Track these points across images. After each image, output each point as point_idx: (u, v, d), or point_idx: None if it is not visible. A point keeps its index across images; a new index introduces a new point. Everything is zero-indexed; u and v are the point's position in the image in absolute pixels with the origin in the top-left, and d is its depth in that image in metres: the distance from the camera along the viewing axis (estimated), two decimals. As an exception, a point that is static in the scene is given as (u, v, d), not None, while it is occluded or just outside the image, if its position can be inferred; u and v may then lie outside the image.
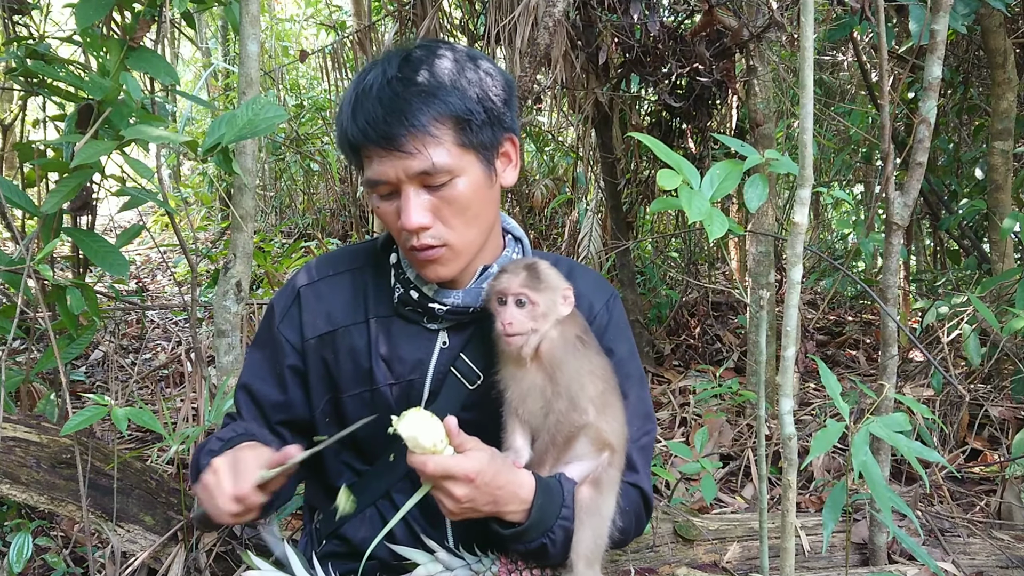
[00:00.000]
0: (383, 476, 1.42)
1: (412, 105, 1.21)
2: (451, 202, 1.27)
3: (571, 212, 5.74)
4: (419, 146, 1.22)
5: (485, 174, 1.30)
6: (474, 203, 1.29)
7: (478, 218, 1.32)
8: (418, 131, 1.21)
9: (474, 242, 1.34)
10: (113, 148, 1.95)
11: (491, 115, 1.27)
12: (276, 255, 5.30)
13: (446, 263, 1.32)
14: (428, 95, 1.22)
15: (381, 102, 1.22)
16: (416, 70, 1.24)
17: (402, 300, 1.39)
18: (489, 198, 1.33)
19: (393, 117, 1.21)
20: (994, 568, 2.41)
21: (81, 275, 2.89)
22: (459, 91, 1.24)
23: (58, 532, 2.40)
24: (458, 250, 1.32)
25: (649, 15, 3.37)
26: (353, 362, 1.40)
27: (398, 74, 1.23)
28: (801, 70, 1.19)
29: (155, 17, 2.28)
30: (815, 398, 3.88)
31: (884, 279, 2.28)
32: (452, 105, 1.23)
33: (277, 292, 1.50)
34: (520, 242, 1.46)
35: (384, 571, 1.40)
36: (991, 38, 3.39)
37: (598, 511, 1.29)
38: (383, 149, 1.23)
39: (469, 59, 1.28)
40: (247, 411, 1.47)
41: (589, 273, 1.51)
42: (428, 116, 1.21)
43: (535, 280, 1.25)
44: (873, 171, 5.39)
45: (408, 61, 1.25)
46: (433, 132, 1.22)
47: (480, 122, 1.26)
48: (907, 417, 1.35)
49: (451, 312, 1.36)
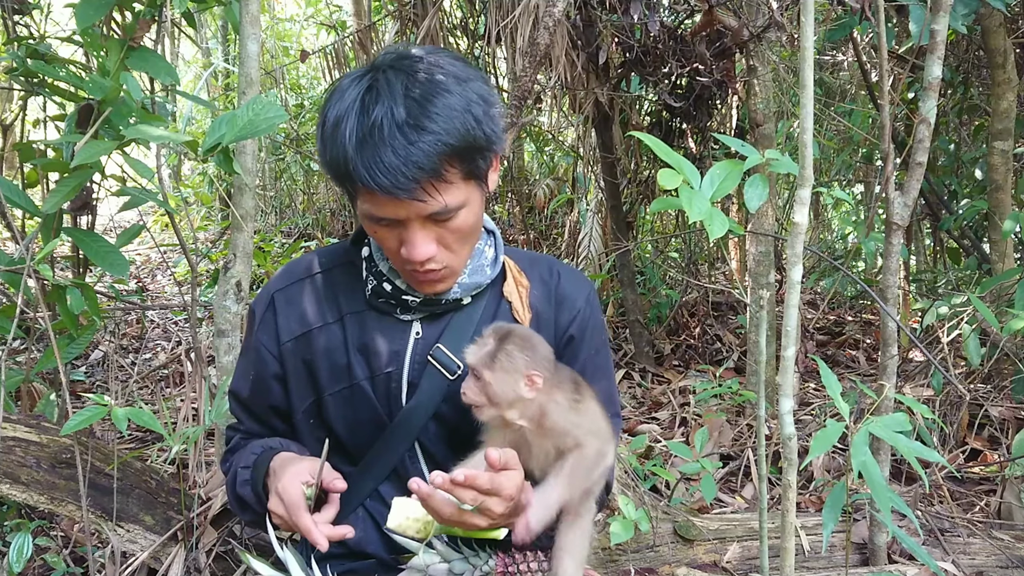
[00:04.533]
0: (368, 476, 1.42)
1: (427, 155, 1.17)
2: (456, 230, 1.27)
3: (571, 212, 5.74)
4: (433, 193, 1.20)
5: (482, 195, 1.31)
6: (475, 227, 1.31)
7: (475, 236, 1.34)
8: (433, 179, 1.19)
9: (468, 257, 1.36)
10: (113, 148, 1.95)
11: (492, 140, 1.25)
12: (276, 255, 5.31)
13: (445, 280, 1.34)
14: (441, 143, 1.18)
15: (395, 152, 1.16)
16: (425, 112, 1.18)
17: (375, 292, 1.39)
18: (482, 214, 1.35)
19: (409, 168, 1.16)
20: (994, 568, 2.41)
21: (81, 275, 2.89)
22: (467, 130, 1.20)
23: (58, 532, 2.40)
24: (457, 268, 1.34)
25: (649, 15, 3.36)
26: (330, 361, 1.40)
27: (408, 119, 1.17)
28: (801, 70, 1.19)
29: (155, 17, 2.29)
30: (815, 398, 3.88)
31: (884, 279, 2.28)
32: (463, 147, 1.20)
33: (256, 297, 1.51)
34: (493, 235, 1.46)
35: (382, 570, 1.40)
36: (991, 38, 3.39)
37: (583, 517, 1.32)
38: (392, 196, 1.19)
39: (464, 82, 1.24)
40: (243, 415, 1.50)
41: (569, 270, 1.53)
42: (443, 163, 1.18)
43: (492, 360, 1.22)
44: (873, 171, 5.39)
45: (413, 99, 1.19)
46: (447, 178, 1.20)
47: (483, 154, 1.25)
48: (907, 417, 1.35)
49: (424, 303, 1.37)
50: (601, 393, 1.46)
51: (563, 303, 1.46)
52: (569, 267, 1.55)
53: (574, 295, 1.47)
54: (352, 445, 1.43)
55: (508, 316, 1.41)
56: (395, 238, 1.27)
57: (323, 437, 1.42)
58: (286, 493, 1.26)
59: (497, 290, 1.43)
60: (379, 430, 1.39)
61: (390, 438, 1.39)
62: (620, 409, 1.62)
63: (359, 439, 1.41)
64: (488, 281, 1.41)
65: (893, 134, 3.56)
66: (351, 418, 1.40)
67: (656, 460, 2.98)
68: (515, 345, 1.23)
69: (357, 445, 1.42)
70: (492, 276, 1.41)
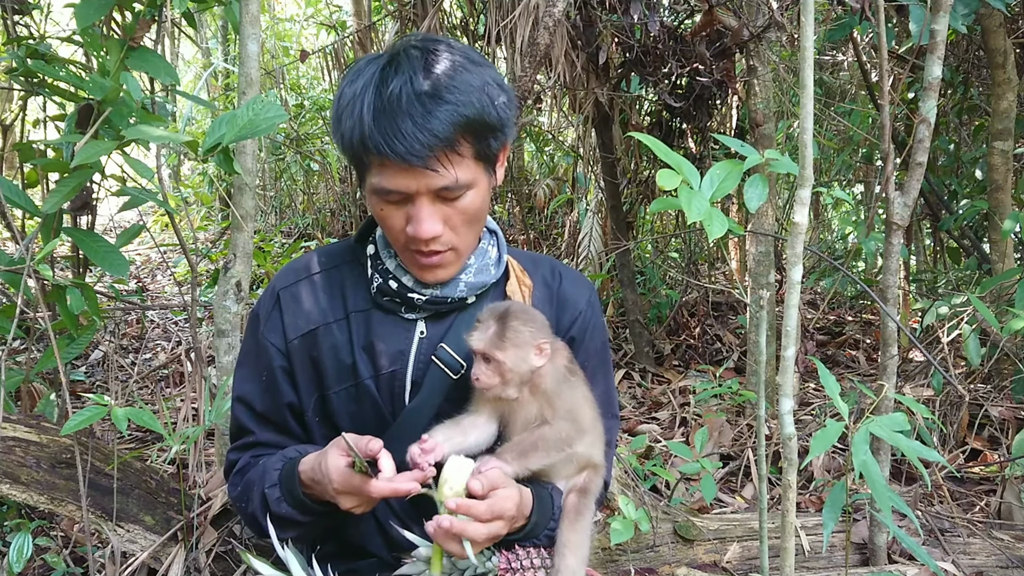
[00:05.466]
0: None
1: (444, 124, 1.19)
2: (463, 211, 1.28)
3: (571, 212, 5.74)
4: (446, 164, 1.21)
5: (489, 182, 1.32)
6: (481, 212, 1.32)
7: (480, 222, 1.35)
8: (447, 150, 1.20)
9: (473, 243, 1.37)
10: (113, 148, 1.95)
11: (505, 123, 1.28)
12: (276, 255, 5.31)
13: (448, 265, 1.34)
14: (458, 113, 1.20)
15: (413, 119, 1.18)
16: (444, 83, 1.21)
17: (380, 290, 1.39)
18: (488, 203, 1.35)
19: (424, 135, 1.18)
20: (994, 568, 2.41)
21: (81, 275, 2.89)
22: (483, 107, 1.23)
23: (58, 532, 2.40)
24: (461, 252, 1.34)
25: (649, 15, 3.37)
26: (336, 358, 1.40)
27: (426, 88, 1.20)
28: (801, 70, 1.19)
29: (155, 17, 2.29)
30: (815, 398, 3.88)
31: (884, 279, 2.28)
32: (478, 122, 1.22)
33: (259, 298, 1.50)
34: (496, 235, 1.47)
35: (383, 569, 1.40)
36: (991, 38, 3.39)
37: (583, 515, 1.34)
38: (406, 164, 1.20)
39: (480, 65, 1.27)
40: (255, 424, 1.47)
41: (571, 272, 1.54)
42: (457, 135, 1.20)
43: (501, 339, 1.25)
44: (873, 171, 5.39)
45: (431, 71, 1.22)
46: (460, 151, 1.22)
47: (495, 135, 1.26)
48: (907, 417, 1.35)
49: (429, 302, 1.38)
50: (600, 394, 1.47)
51: (565, 305, 1.46)
52: (570, 269, 1.56)
53: (576, 297, 1.48)
54: None
55: None
56: (402, 215, 1.27)
57: (329, 435, 1.43)
58: (344, 483, 1.24)
59: (500, 290, 1.44)
60: (383, 428, 1.39)
61: (393, 437, 1.39)
62: (619, 411, 1.63)
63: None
64: (493, 281, 1.42)
65: (893, 134, 3.56)
66: (355, 416, 1.41)
67: (656, 460, 2.98)
68: (518, 320, 1.26)
69: None
70: (497, 276, 1.42)
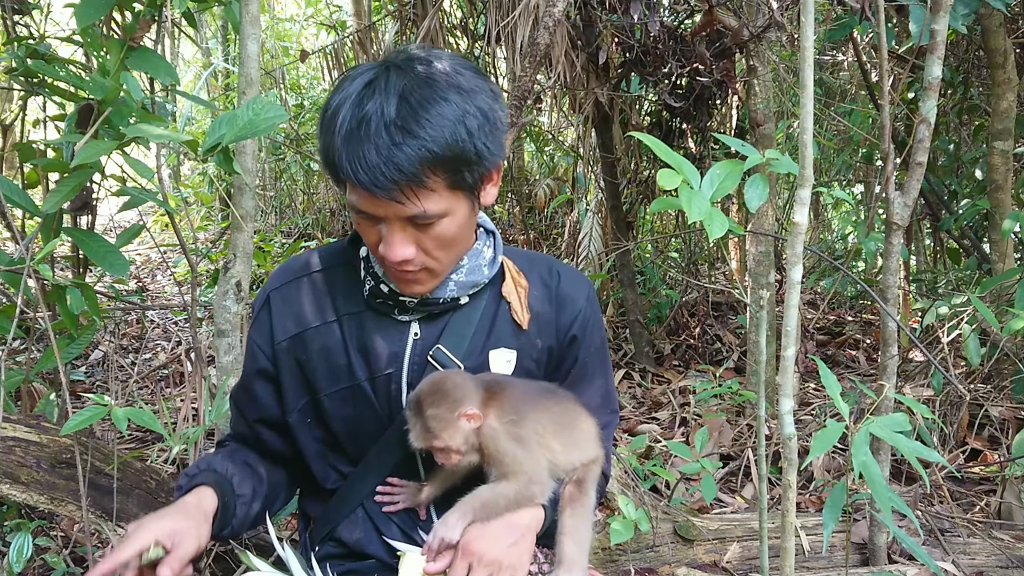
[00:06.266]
0: (368, 476, 1.42)
1: (410, 159, 1.15)
2: (437, 237, 1.26)
3: (571, 212, 5.74)
4: (412, 198, 1.18)
5: (471, 208, 1.29)
6: (458, 236, 1.29)
7: (458, 245, 1.32)
8: (414, 184, 1.17)
9: (452, 263, 1.35)
10: (113, 148, 1.95)
11: (483, 155, 1.23)
12: (276, 255, 5.31)
13: (423, 283, 1.33)
14: (425, 149, 1.16)
15: (378, 150, 1.15)
16: (416, 116, 1.16)
17: (372, 293, 1.39)
18: (471, 224, 1.33)
19: (389, 168, 1.15)
20: (994, 568, 2.41)
21: (81, 275, 2.89)
22: (459, 140, 1.18)
23: (58, 532, 2.40)
24: (437, 273, 1.33)
25: (649, 15, 3.37)
26: (327, 361, 1.40)
27: (396, 120, 1.16)
28: (801, 70, 1.19)
29: (155, 17, 2.29)
30: (815, 398, 3.88)
31: (884, 279, 2.28)
32: (450, 156, 1.18)
33: (255, 298, 1.51)
34: (492, 235, 1.45)
35: (382, 570, 1.40)
36: (991, 38, 3.39)
37: (580, 503, 1.35)
38: (370, 193, 1.18)
39: (466, 92, 1.22)
40: (236, 417, 1.51)
41: (568, 270, 1.53)
42: (425, 169, 1.17)
43: (428, 431, 1.26)
44: (873, 171, 5.39)
45: (407, 99, 1.17)
46: (429, 185, 1.18)
47: (473, 166, 1.22)
48: (907, 417, 1.35)
49: (422, 303, 1.37)
50: (599, 390, 1.48)
51: (564, 303, 1.46)
52: (568, 267, 1.55)
53: (575, 295, 1.47)
54: (352, 445, 1.43)
55: (507, 316, 1.41)
56: (376, 233, 1.26)
57: (323, 438, 1.43)
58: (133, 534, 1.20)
59: (496, 291, 1.43)
60: (379, 430, 1.39)
61: (390, 439, 1.39)
62: (618, 407, 1.63)
63: (359, 439, 1.41)
64: (485, 280, 1.40)
65: (893, 134, 3.56)
66: (351, 418, 1.40)
67: (656, 460, 2.98)
68: (432, 406, 1.26)
69: (357, 445, 1.42)
70: (490, 276, 1.41)
